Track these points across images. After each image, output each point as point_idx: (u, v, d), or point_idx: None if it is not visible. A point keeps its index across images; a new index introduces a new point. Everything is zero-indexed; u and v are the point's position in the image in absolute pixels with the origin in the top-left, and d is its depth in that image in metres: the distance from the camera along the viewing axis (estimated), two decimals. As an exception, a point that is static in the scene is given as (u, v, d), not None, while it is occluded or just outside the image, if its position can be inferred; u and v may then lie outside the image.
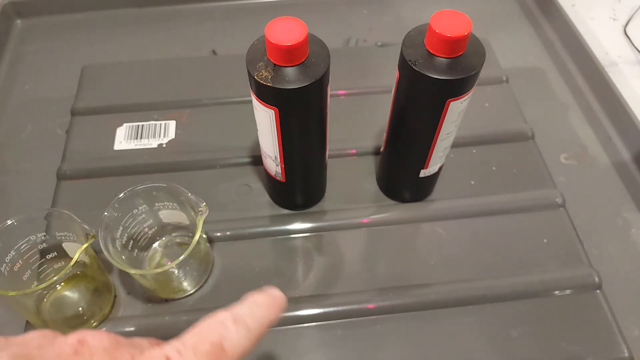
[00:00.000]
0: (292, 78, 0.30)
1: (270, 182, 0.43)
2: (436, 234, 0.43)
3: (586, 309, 0.39)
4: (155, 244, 0.41)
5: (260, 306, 0.23)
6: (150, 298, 0.39)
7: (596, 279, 0.40)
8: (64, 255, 0.37)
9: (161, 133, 0.49)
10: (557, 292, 0.40)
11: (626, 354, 0.37)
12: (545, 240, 0.43)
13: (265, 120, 0.34)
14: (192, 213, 0.36)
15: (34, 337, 0.20)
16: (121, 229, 0.36)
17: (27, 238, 0.35)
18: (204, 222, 0.35)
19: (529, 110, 0.52)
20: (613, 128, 0.52)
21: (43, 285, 0.32)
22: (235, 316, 0.22)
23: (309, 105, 0.33)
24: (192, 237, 0.34)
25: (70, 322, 0.37)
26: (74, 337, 0.19)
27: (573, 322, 0.38)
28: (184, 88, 0.53)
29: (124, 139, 0.49)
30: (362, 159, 0.48)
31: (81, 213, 0.35)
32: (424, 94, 0.33)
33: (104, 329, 0.37)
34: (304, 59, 0.31)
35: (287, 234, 0.43)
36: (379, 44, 0.59)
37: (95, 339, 0.20)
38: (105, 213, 0.35)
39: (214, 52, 0.59)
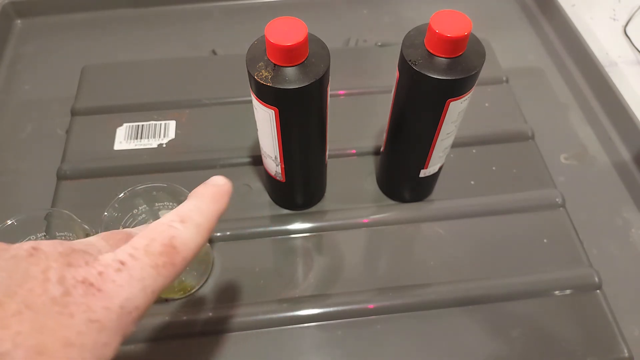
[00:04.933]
0: (292, 78, 0.30)
1: (270, 182, 0.43)
2: (436, 234, 0.43)
3: (586, 309, 0.39)
4: (155, 244, 0.41)
5: (205, 199, 0.24)
6: (150, 298, 0.39)
7: (596, 279, 0.40)
8: (63, 255, 0.37)
9: (161, 133, 0.49)
10: (557, 292, 0.40)
11: (626, 354, 0.37)
12: (545, 240, 0.43)
13: (265, 120, 0.34)
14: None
15: None
16: (121, 229, 0.36)
17: (27, 238, 0.35)
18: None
19: (529, 110, 0.52)
20: (613, 128, 0.52)
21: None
22: (182, 215, 0.22)
23: (309, 105, 0.33)
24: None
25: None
26: (28, 244, 0.19)
27: (573, 322, 0.38)
28: (184, 88, 0.53)
29: (124, 139, 0.49)
30: (362, 159, 0.48)
31: (81, 213, 0.35)
32: (424, 94, 0.33)
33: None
34: (304, 59, 0.31)
35: (287, 234, 0.43)
36: (379, 44, 0.59)
37: (49, 246, 0.19)
38: (105, 213, 0.35)
39: (214, 52, 0.59)
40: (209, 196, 0.24)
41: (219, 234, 0.42)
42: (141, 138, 0.49)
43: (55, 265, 0.18)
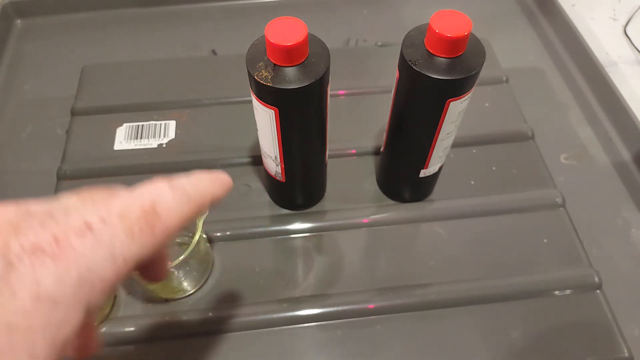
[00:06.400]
0: (292, 78, 0.30)
1: (270, 182, 0.43)
2: (436, 234, 0.43)
3: (586, 309, 0.39)
4: (155, 244, 0.41)
5: (202, 179, 0.22)
6: (150, 298, 0.39)
7: (596, 279, 0.40)
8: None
9: (161, 133, 0.49)
10: (557, 292, 0.40)
11: (626, 354, 0.37)
12: (545, 240, 0.43)
13: (265, 120, 0.34)
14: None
15: None
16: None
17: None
18: (204, 222, 0.35)
19: (529, 110, 0.52)
20: (613, 128, 0.52)
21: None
22: (173, 183, 0.20)
23: (309, 105, 0.33)
24: (192, 237, 0.34)
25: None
26: None
27: (573, 322, 0.38)
28: (184, 88, 0.53)
29: (124, 139, 0.49)
30: (362, 159, 0.48)
31: (81, 213, 0.35)
32: (424, 94, 0.33)
33: (104, 329, 0.37)
34: (304, 59, 0.31)
35: (287, 234, 0.43)
36: (379, 44, 0.59)
37: None
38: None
39: (214, 52, 0.59)
40: (207, 178, 0.22)
41: (218, 234, 0.42)
42: (141, 138, 0.49)
43: None
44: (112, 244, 0.17)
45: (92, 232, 0.17)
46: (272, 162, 0.38)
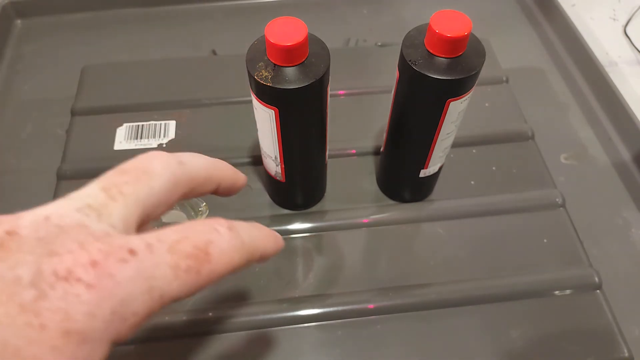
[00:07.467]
0: (292, 78, 0.30)
1: (270, 182, 0.43)
2: (436, 234, 0.43)
3: (586, 309, 0.39)
4: (155, 244, 0.41)
5: (260, 229, 0.21)
6: (150, 298, 0.39)
7: (596, 279, 0.40)
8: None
9: (161, 133, 0.49)
10: (557, 292, 0.40)
11: (626, 354, 0.37)
12: (545, 240, 0.43)
13: (265, 120, 0.34)
14: (192, 213, 0.36)
15: None
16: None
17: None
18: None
19: (529, 110, 0.52)
20: (613, 128, 0.52)
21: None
22: (231, 224, 0.19)
23: (309, 105, 0.33)
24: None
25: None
26: (3, 225, 0.15)
27: (573, 322, 0.38)
28: (184, 88, 0.53)
29: (124, 139, 0.49)
30: (362, 159, 0.48)
31: (81, 213, 0.35)
32: (424, 94, 0.33)
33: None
34: (304, 59, 0.31)
35: (287, 234, 0.43)
36: (379, 44, 0.59)
37: (28, 227, 0.15)
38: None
39: (214, 52, 0.59)
40: (265, 231, 0.21)
41: (219, 234, 0.42)
42: (141, 138, 0.49)
43: (31, 258, 0.14)
44: (153, 276, 0.16)
45: (135, 260, 0.16)
46: (272, 162, 0.38)
